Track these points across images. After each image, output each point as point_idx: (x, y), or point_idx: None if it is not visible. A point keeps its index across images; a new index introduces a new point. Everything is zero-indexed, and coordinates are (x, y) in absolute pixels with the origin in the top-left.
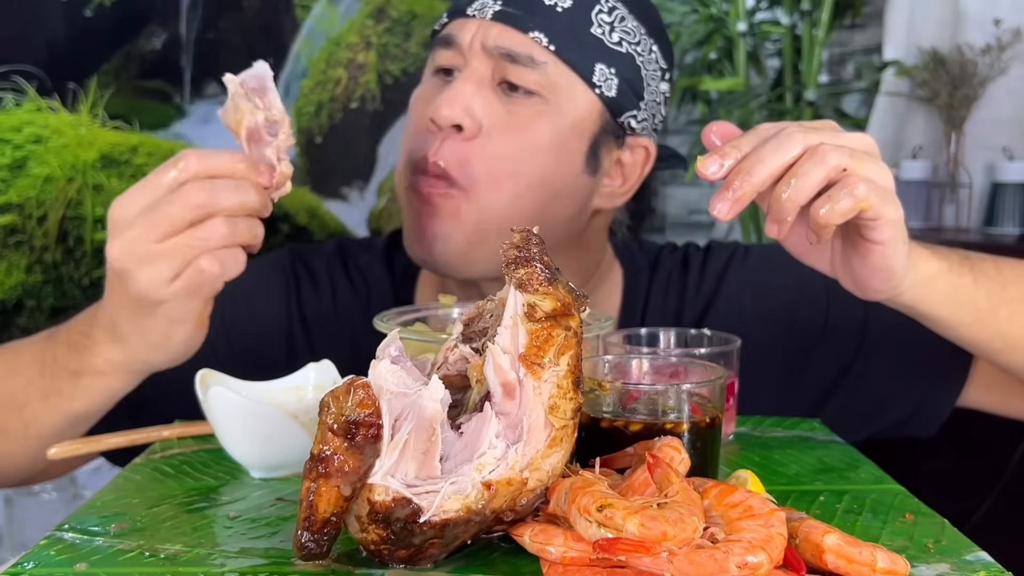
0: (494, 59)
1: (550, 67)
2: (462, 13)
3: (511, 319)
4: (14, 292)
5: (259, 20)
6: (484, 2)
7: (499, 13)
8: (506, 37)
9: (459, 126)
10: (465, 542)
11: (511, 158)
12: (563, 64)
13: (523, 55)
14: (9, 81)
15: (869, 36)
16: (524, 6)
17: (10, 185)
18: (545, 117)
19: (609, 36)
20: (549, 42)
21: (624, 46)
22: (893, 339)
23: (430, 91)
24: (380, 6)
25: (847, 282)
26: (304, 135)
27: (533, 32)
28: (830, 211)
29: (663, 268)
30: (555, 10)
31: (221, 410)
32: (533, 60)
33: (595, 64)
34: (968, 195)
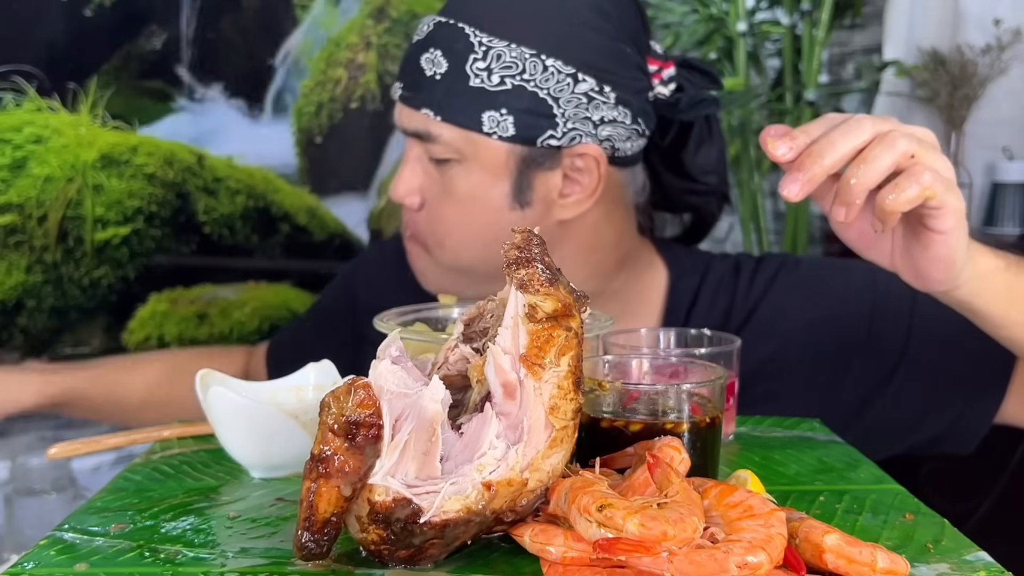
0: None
1: (445, 135)
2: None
3: (512, 320)
4: (14, 292)
5: (259, 20)
6: (397, 87)
7: (401, 96)
8: (409, 119)
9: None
10: (465, 542)
11: (445, 219)
12: (455, 128)
13: (423, 132)
14: (9, 81)
15: (869, 36)
16: (413, 86)
17: (10, 185)
18: (461, 176)
19: (489, 81)
20: (435, 113)
21: (507, 82)
22: (933, 354)
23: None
24: (380, 6)
25: (907, 273)
26: (304, 135)
27: (423, 109)
28: (896, 198)
29: (714, 272)
30: (435, 80)
31: (221, 410)
32: (431, 135)
33: (482, 115)
34: (968, 195)
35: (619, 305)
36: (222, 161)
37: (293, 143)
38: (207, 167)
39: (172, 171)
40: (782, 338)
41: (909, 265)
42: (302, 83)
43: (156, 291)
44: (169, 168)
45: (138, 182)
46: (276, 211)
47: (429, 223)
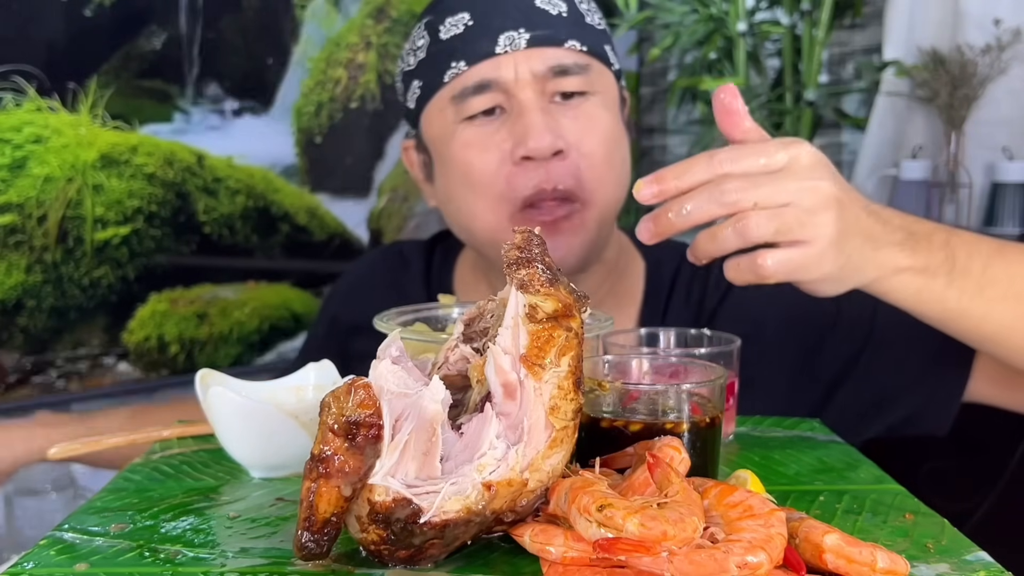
0: (541, 80)
1: (592, 64)
2: (487, 55)
3: (512, 320)
4: (14, 292)
5: (259, 20)
6: (510, 36)
7: (533, 39)
8: (551, 56)
9: (558, 151)
10: (465, 542)
11: (601, 155)
12: (594, 58)
13: (572, 65)
14: (9, 81)
15: (869, 36)
16: (546, 24)
17: (10, 185)
18: (601, 107)
19: (595, 20)
20: (582, 44)
21: (602, 24)
22: (900, 331)
23: (481, 137)
24: (380, 6)
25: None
26: (304, 135)
27: (569, 42)
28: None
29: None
30: (563, 17)
31: (221, 410)
32: (580, 66)
33: (604, 46)
34: (968, 195)
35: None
36: (222, 161)
37: (293, 143)
38: (207, 167)
39: (172, 171)
40: (754, 323)
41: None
42: (302, 83)
43: (156, 291)
44: (169, 168)
45: (138, 182)
46: (276, 211)
47: (588, 165)
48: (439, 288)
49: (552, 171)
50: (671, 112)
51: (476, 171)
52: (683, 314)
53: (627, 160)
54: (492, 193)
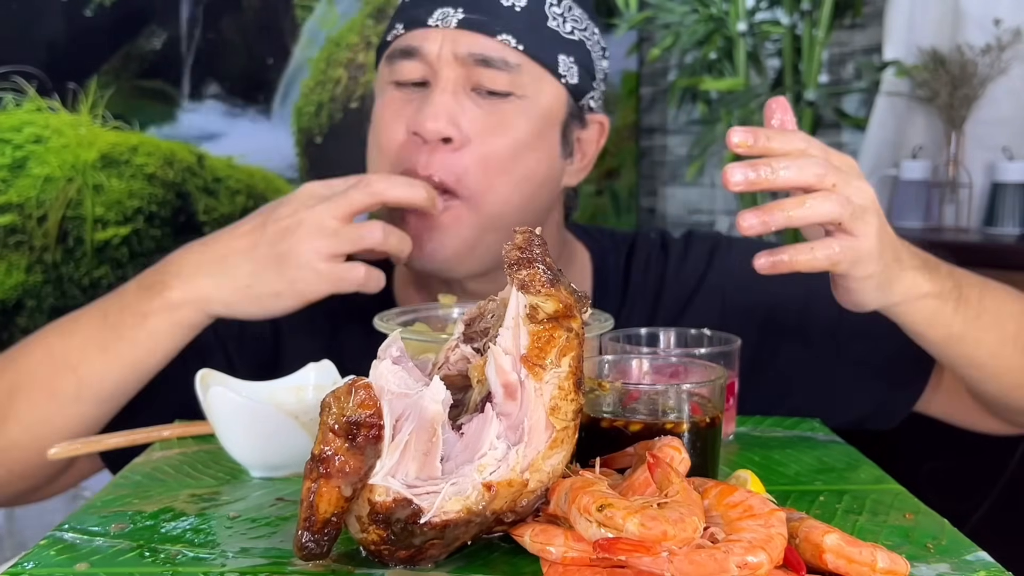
0: (466, 66)
1: (523, 66)
2: (420, 24)
3: (513, 320)
4: (14, 292)
5: (259, 20)
6: (445, 12)
7: (464, 21)
8: (477, 43)
9: (447, 138)
10: (465, 543)
11: (500, 160)
12: (532, 61)
13: (497, 59)
14: (9, 81)
15: (869, 36)
16: (486, 10)
17: (10, 185)
18: (522, 114)
19: (563, 27)
20: (517, 42)
21: (576, 34)
22: (860, 344)
23: (397, 104)
24: (380, 6)
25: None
26: (304, 135)
27: (502, 35)
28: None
29: (641, 249)
30: (514, 10)
31: (221, 410)
32: (507, 63)
33: (557, 55)
34: (968, 195)
35: None
36: (222, 161)
37: (293, 143)
38: (207, 167)
39: (172, 171)
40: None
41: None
42: (302, 83)
43: None
44: (169, 168)
45: (138, 182)
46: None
47: (481, 164)
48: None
49: (434, 158)
50: (671, 112)
51: (381, 135)
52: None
53: (539, 175)
54: (386, 162)
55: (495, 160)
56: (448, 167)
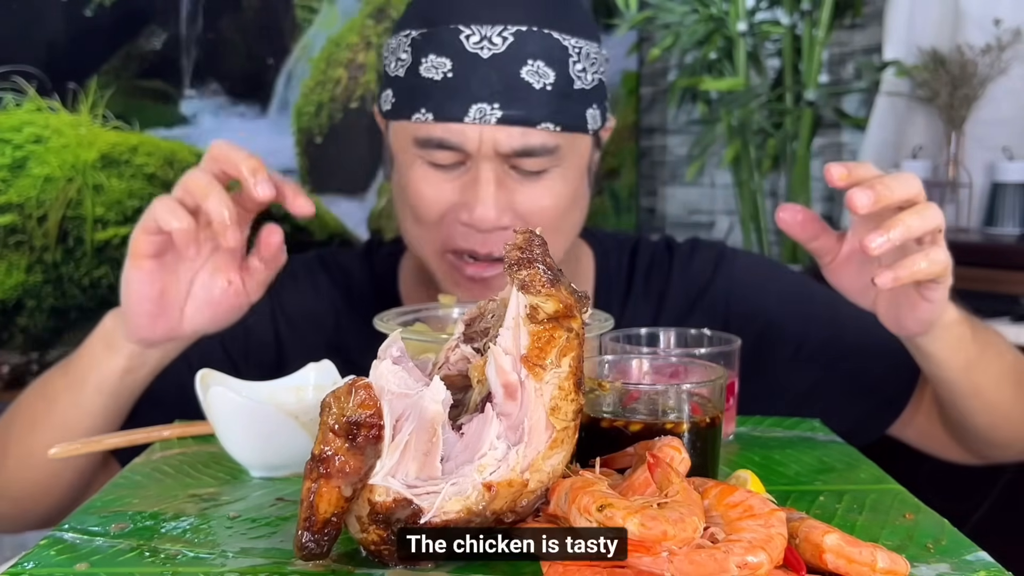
0: (505, 156)
1: (562, 143)
2: (455, 119)
3: (513, 320)
4: (14, 292)
5: (259, 20)
6: (482, 109)
7: (504, 117)
8: (518, 137)
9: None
10: None
11: (553, 221)
12: (568, 133)
13: (539, 147)
14: (9, 81)
15: (869, 36)
16: (523, 101)
17: (10, 185)
18: (561, 179)
19: (586, 79)
20: (555, 125)
21: (595, 79)
22: (852, 362)
23: (435, 182)
24: (380, 6)
25: (887, 319)
26: (304, 135)
27: (542, 124)
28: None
29: (644, 251)
30: (547, 91)
31: (221, 410)
32: (547, 148)
33: (585, 113)
34: (968, 195)
35: None
36: None
37: (293, 143)
38: None
39: (172, 171)
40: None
41: (891, 315)
42: (302, 83)
43: None
44: (169, 168)
45: (138, 182)
46: (276, 211)
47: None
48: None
49: (491, 238)
50: (671, 112)
51: (423, 206)
52: (643, 306)
53: (578, 217)
54: (429, 230)
55: (547, 224)
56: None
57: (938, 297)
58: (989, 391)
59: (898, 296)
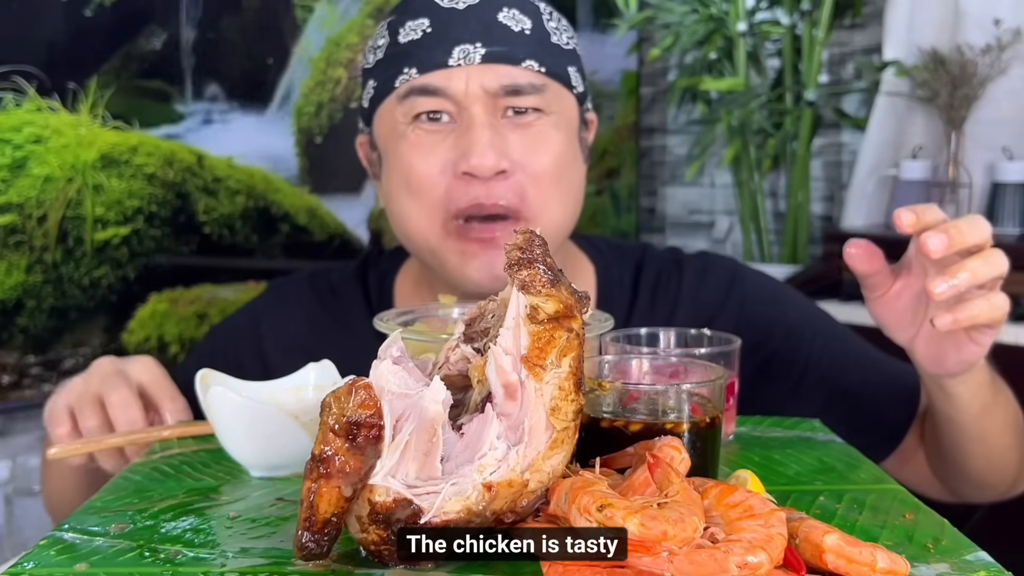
0: (494, 97)
1: (547, 86)
2: (439, 65)
3: (513, 320)
4: (14, 292)
5: (259, 20)
6: (465, 49)
7: (488, 54)
8: (506, 74)
9: (501, 171)
10: None
11: (550, 176)
12: (552, 79)
13: (526, 85)
14: (9, 81)
15: (869, 36)
16: (505, 40)
17: (10, 185)
18: (554, 129)
19: (563, 40)
20: (540, 65)
21: (571, 44)
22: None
23: (426, 145)
24: (380, 6)
25: (924, 358)
26: (304, 135)
27: (526, 61)
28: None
29: (650, 266)
30: (526, 35)
31: (221, 410)
32: (535, 86)
33: (567, 68)
34: (968, 195)
35: None
36: (222, 161)
37: (293, 143)
38: (207, 167)
39: (172, 171)
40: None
41: (931, 353)
42: (302, 83)
43: (156, 291)
44: (169, 168)
45: (138, 182)
46: (276, 211)
47: (534, 185)
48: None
49: (493, 188)
50: (671, 112)
51: (416, 175)
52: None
53: (577, 183)
54: (429, 199)
55: (546, 178)
56: (512, 192)
57: (988, 342)
58: (993, 437)
59: (945, 336)
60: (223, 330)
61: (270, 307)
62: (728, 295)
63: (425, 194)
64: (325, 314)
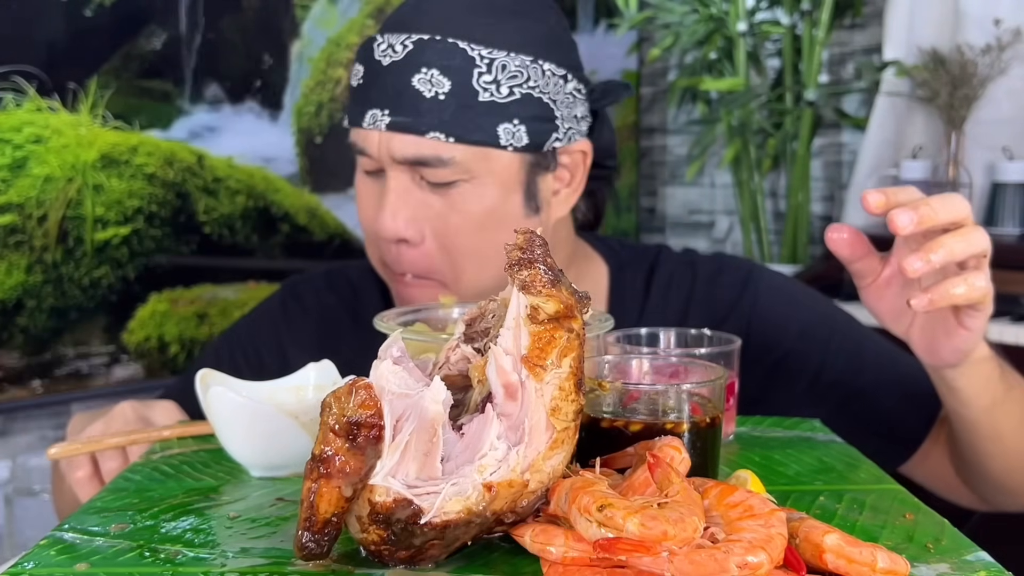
0: (407, 163)
1: (458, 156)
2: (357, 124)
3: (514, 321)
4: (14, 292)
5: (259, 20)
6: (375, 115)
7: (392, 124)
8: (409, 145)
9: (403, 240)
10: (466, 543)
11: (462, 246)
12: (468, 147)
13: (431, 157)
14: (9, 81)
15: (869, 36)
16: (411, 110)
17: (10, 185)
18: (472, 196)
19: (498, 93)
20: (447, 136)
21: (516, 92)
22: (865, 402)
23: (367, 188)
24: (380, 6)
25: (920, 348)
26: (304, 135)
27: (430, 134)
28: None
29: (664, 267)
30: (438, 100)
31: (221, 410)
32: (441, 159)
33: (497, 128)
34: (968, 195)
35: None
36: (222, 161)
37: (293, 143)
38: (207, 167)
39: (172, 171)
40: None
41: (925, 342)
42: (302, 83)
43: (156, 291)
44: (169, 168)
45: (138, 182)
46: (276, 211)
47: (444, 254)
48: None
49: (402, 256)
50: (671, 112)
51: (360, 214)
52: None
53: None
54: (368, 238)
55: (457, 248)
56: (415, 263)
57: (977, 325)
58: (1009, 435)
59: (935, 322)
60: (242, 327)
61: (288, 303)
62: (741, 295)
63: (366, 232)
64: (343, 310)
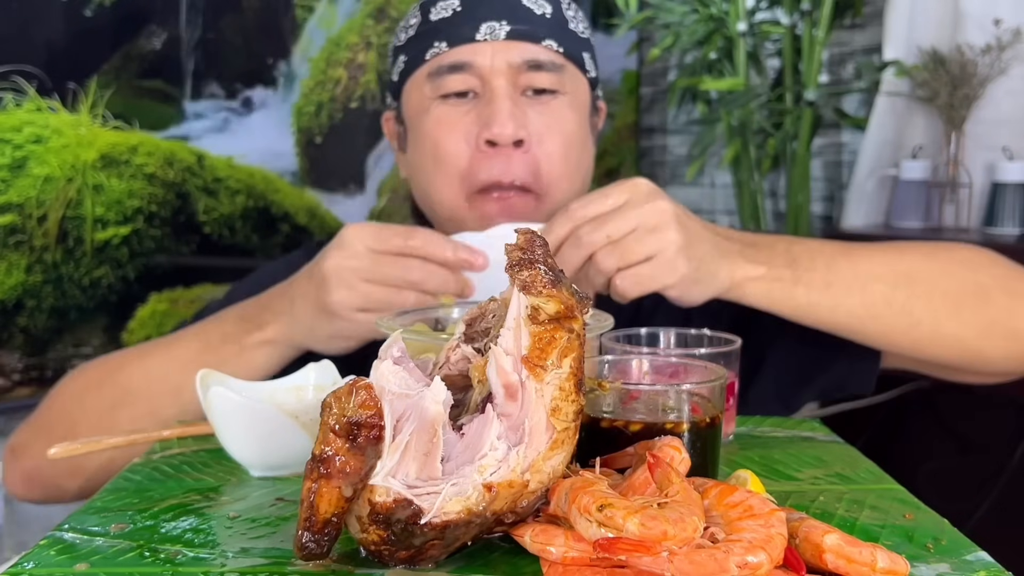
0: (516, 73)
1: (565, 67)
2: (467, 39)
3: (514, 321)
4: (14, 292)
5: (259, 20)
6: (492, 26)
7: (512, 32)
8: (527, 51)
9: (519, 141)
10: (466, 543)
11: (562, 154)
12: (569, 61)
13: (546, 62)
14: (9, 81)
15: (869, 36)
16: (528, 20)
17: (10, 185)
18: (568, 109)
19: (579, 28)
20: (559, 45)
21: (586, 32)
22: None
23: (451, 118)
24: (380, 6)
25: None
26: (304, 135)
27: (546, 41)
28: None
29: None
30: (546, 18)
31: (221, 410)
32: (554, 64)
33: (583, 54)
34: (968, 195)
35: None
36: (222, 161)
37: (293, 143)
38: (207, 167)
39: (172, 171)
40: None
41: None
42: (302, 83)
43: (156, 291)
44: (169, 168)
45: (138, 182)
46: (276, 211)
47: (547, 159)
48: None
49: (512, 163)
50: (671, 112)
51: (442, 149)
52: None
53: (586, 164)
54: (453, 172)
55: (558, 155)
56: (527, 168)
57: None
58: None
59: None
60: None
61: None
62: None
63: (450, 167)
64: None
